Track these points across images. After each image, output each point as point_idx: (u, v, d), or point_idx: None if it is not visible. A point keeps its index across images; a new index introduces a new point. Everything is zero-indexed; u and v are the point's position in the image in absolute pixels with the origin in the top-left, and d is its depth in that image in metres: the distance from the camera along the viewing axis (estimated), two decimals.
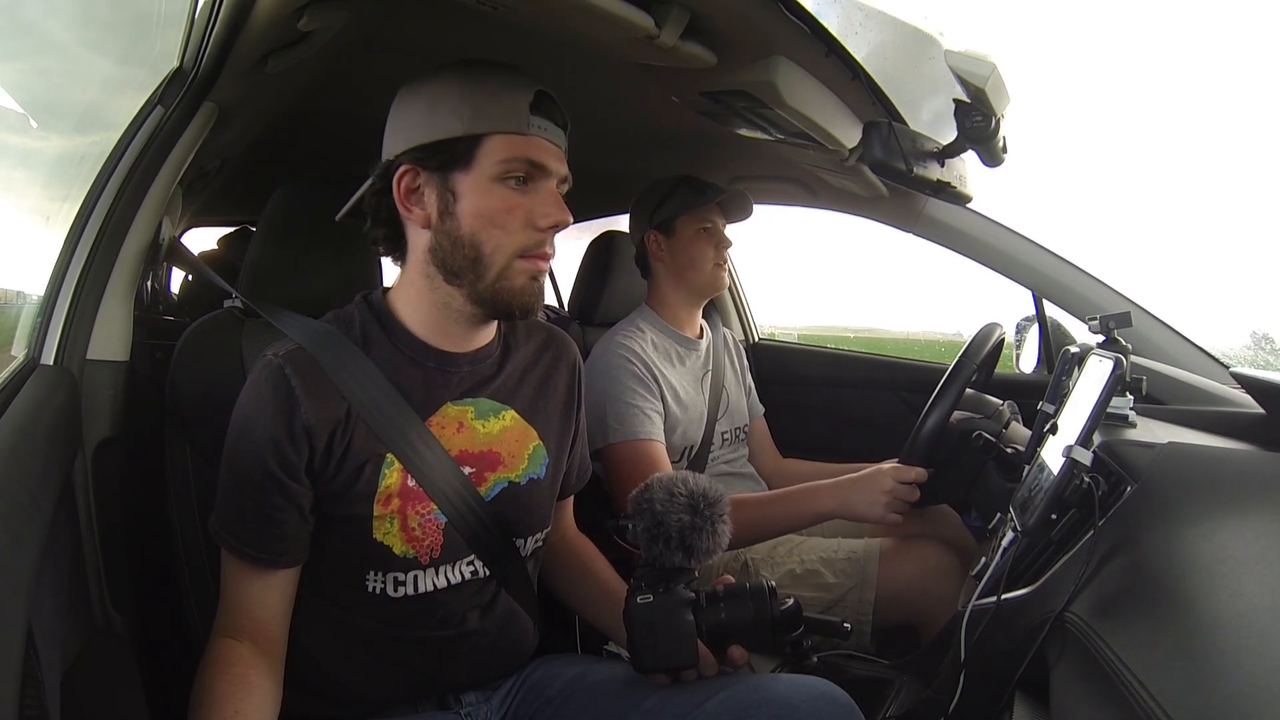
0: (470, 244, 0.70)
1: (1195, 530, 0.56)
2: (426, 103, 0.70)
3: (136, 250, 0.87)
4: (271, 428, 0.67)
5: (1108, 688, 0.48)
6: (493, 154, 0.69)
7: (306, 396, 0.67)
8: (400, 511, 0.70)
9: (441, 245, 0.71)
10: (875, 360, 1.85)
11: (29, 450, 0.57)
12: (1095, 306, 1.27)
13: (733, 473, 1.39)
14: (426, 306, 0.74)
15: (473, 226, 0.69)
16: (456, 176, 0.69)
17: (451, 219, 0.70)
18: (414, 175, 0.70)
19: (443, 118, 0.69)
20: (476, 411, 0.76)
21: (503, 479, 0.77)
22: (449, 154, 0.69)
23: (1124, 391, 0.77)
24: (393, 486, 0.70)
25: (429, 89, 0.71)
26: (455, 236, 0.70)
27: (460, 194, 0.70)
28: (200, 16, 0.85)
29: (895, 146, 0.95)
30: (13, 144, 1.18)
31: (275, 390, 0.68)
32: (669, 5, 0.73)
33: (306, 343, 0.71)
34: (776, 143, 1.12)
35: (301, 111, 1.19)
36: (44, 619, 0.54)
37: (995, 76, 0.83)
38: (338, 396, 0.69)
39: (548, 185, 0.72)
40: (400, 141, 0.71)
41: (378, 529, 0.70)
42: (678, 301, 1.36)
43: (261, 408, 0.68)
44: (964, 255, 1.39)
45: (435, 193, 0.70)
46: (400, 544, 0.71)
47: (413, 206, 0.71)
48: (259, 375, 0.69)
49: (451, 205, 0.70)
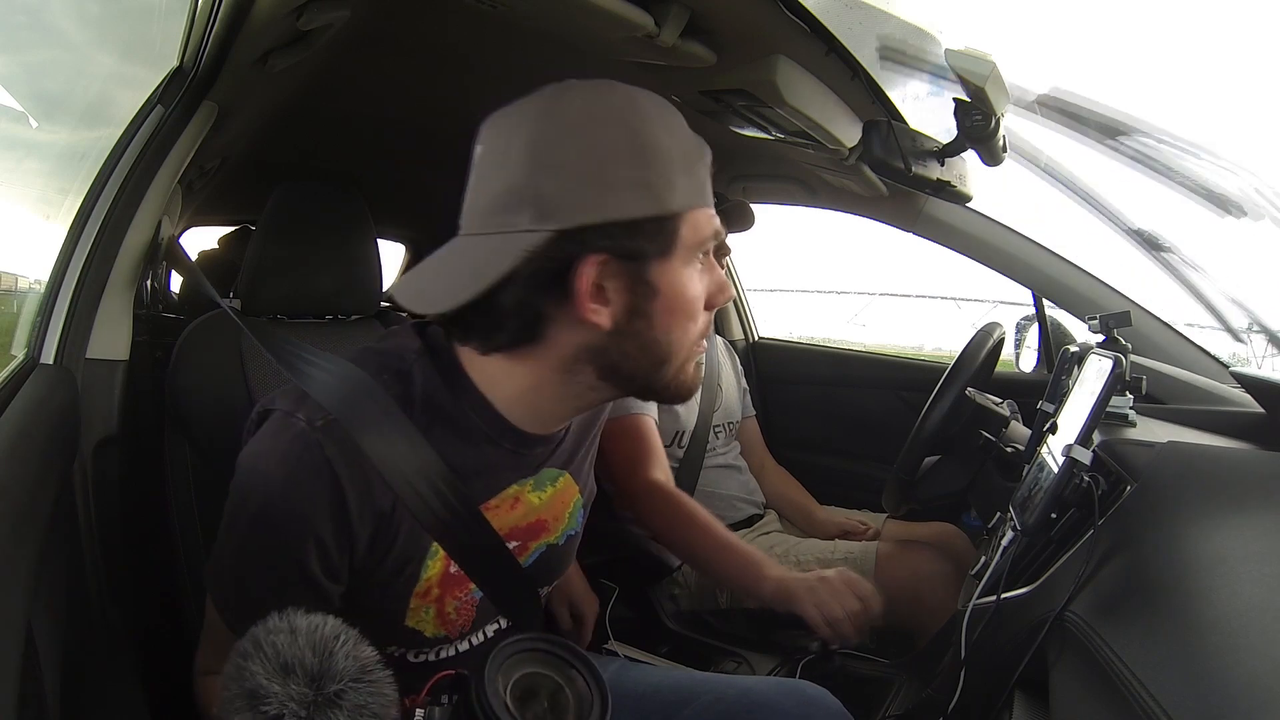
0: (663, 346, 0.55)
1: (1195, 529, 0.56)
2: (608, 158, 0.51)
3: (136, 249, 0.87)
4: (314, 526, 0.53)
5: (1108, 687, 0.48)
6: (692, 235, 0.54)
7: (352, 486, 0.53)
8: (439, 600, 0.61)
9: (620, 348, 0.54)
10: (875, 360, 1.85)
11: (28, 450, 0.57)
12: (1095, 306, 1.27)
13: (728, 464, 1.42)
14: (536, 393, 0.57)
15: (667, 324, 0.54)
16: (655, 266, 0.53)
17: (643, 320, 0.53)
18: (605, 266, 0.51)
19: (640, 184, 0.51)
20: (535, 484, 0.64)
21: (543, 544, 0.67)
22: (653, 237, 0.52)
23: (1124, 391, 0.77)
24: (433, 578, 0.59)
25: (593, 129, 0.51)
26: (645, 340, 0.54)
27: (659, 289, 0.53)
28: (200, 15, 0.85)
29: (895, 145, 0.95)
30: (19, 136, 1.18)
31: (317, 478, 0.53)
32: (669, 4, 0.73)
33: (341, 411, 0.54)
34: (776, 142, 1.12)
35: (302, 110, 1.19)
36: (43, 618, 0.54)
37: (995, 75, 0.83)
38: (382, 483, 0.54)
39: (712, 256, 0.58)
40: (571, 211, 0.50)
41: (411, 618, 0.60)
42: None
43: (300, 499, 0.53)
44: (964, 255, 1.39)
45: (625, 286, 0.52)
46: (432, 628, 0.62)
47: (596, 305, 0.52)
48: (290, 448, 0.53)
49: (645, 304, 0.53)
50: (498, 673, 0.47)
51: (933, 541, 1.28)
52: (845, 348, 2.09)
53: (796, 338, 3.25)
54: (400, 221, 2.23)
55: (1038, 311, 1.54)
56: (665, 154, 0.52)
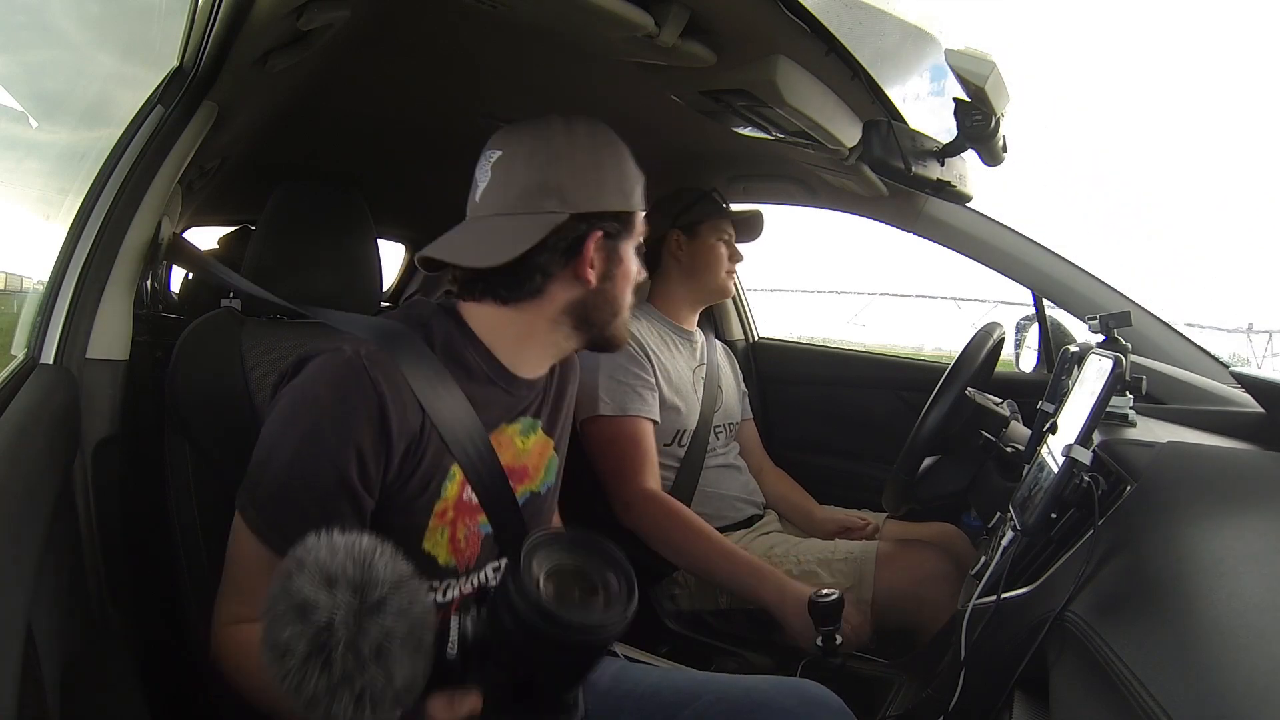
0: (618, 303, 0.76)
1: (1195, 530, 0.56)
2: (602, 169, 0.72)
3: (136, 249, 0.87)
4: (357, 436, 0.62)
5: (1107, 687, 0.48)
6: (640, 228, 0.77)
7: (393, 403, 0.64)
8: (452, 524, 0.70)
9: (593, 302, 0.74)
10: (875, 360, 1.85)
11: (28, 450, 0.57)
12: (1095, 306, 1.27)
13: (728, 464, 1.43)
14: (524, 340, 0.74)
15: (623, 288, 0.76)
16: (623, 245, 0.75)
17: (610, 282, 0.74)
18: (600, 241, 0.72)
19: (618, 189, 0.73)
20: (521, 430, 0.78)
21: (527, 490, 0.78)
22: (625, 225, 0.74)
23: (1124, 391, 0.77)
24: (450, 499, 0.69)
25: (591, 150, 0.72)
26: (609, 296, 0.75)
27: (622, 260, 0.75)
28: (200, 15, 0.85)
29: (895, 145, 0.95)
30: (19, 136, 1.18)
31: (362, 393, 0.63)
32: (669, 4, 0.73)
33: (384, 343, 0.67)
34: (776, 142, 1.12)
35: (302, 111, 1.19)
36: (43, 618, 0.54)
37: (995, 75, 0.82)
38: (416, 405, 0.66)
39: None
40: (583, 200, 0.70)
41: (428, 539, 0.69)
42: (682, 300, 1.44)
43: (347, 412, 0.63)
44: (964, 254, 1.39)
45: (605, 257, 0.73)
46: (445, 554, 0.70)
47: (589, 267, 0.72)
48: (339, 372, 0.64)
49: (613, 270, 0.74)
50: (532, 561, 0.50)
51: (933, 541, 1.28)
52: (845, 348, 2.09)
53: (796, 338, 3.25)
54: (400, 221, 2.23)
55: (1038, 311, 1.54)
56: (630, 171, 0.75)
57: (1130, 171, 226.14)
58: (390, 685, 0.44)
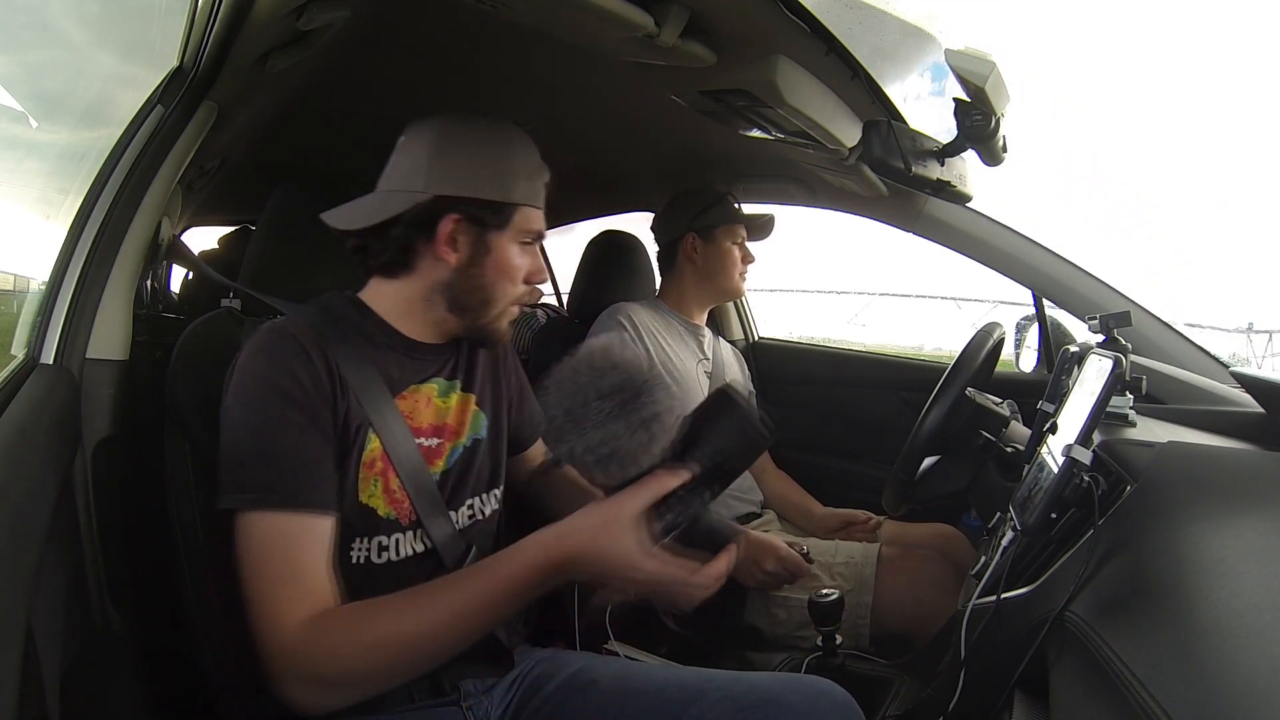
0: (488, 291, 0.79)
1: (1195, 530, 0.56)
2: (480, 159, 0.76)
3: (136, 249, 0.87)
4: (299, 373, 0.70)
5: (1107, 687, 0.48)
6: (521, 223, 0.79)
7: (319, 360, 0.72)
8: (383, 474, 0.75)
9: (460, 285, 0.78)
10: (875, 360, 1.85)
11: (29, 450, 0.57)
12: (1095, 306, 1.27)
13: None
14: (409, 310, 0.80)
15: (493, 278, 0.79)
16: (492, 234, 0.78)
17: (477, 268, 0.78)
18: (459, 224, 0.76)
19: (496, 180, 0.77)
20: (440, 391, 0.83)
21: (457, 445, 0.83)
22: (494, 214, 0.77)
23: (1124, 391, 0.77)
24: (376, 450, 0.75)
25: (479, 142, 0.77)
26: (477, 283, 0.78)
27: (491, 249, 0.78)
28: (200, 15, 0.85)
29: (895, 145, 0.95)
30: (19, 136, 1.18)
31: (289, 347, 0.72)
32: (669, 4, 0.73)
33: (301, 317, 0.76)
34: (776, 142, 1.13)
35: (301, 111, 1.19)
36: (44, 618, 0.54)
37: (995, 75, 0.82)
38: (334, 366, 0.74)
39: (537, 248, 0.83)
40: (448, 184, 0.75)
41: (363, 490, 0.74)
42: (693, 300, 1.46)
43: (281, 360, 0.71)
44: (964, 254, 1.39)
45: (470, 241, 0.77)
46: (384, 505, 0.74)
47: (448, 249, 0.77)
48: (267, 338, 0.73)
49: (480, 257, 0.78)
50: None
51: (932, 542, 1.28)
52: (845, 348, 2.09)
53: (796, 338, 3.25)
54: None
55: (1038, 311, 1.54)
56: (512, 164, 0.78)
57: (1130, 171, 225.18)
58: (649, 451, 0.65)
